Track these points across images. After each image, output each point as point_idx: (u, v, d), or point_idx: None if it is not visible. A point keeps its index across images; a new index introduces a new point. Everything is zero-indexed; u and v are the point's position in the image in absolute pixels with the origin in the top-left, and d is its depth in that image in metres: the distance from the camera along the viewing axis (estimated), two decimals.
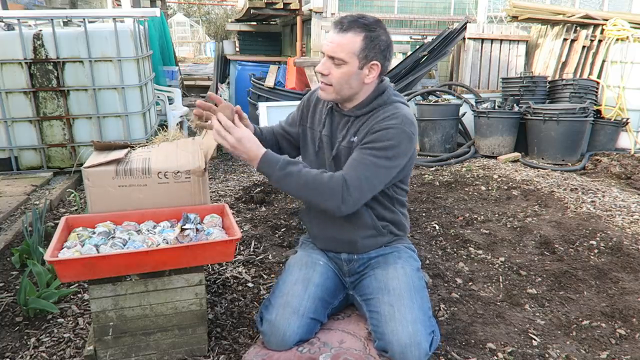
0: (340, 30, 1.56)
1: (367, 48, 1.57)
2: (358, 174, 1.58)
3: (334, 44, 1.57)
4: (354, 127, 1.71)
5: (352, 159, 1.63)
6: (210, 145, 1.82)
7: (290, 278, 1.74)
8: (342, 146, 1.73)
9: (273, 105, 4.83)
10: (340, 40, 1.56)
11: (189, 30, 27.04)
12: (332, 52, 1.57)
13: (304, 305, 1.64)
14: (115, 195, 1.80)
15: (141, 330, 1.68)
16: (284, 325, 1.60)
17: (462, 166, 4.79)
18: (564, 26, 5.87)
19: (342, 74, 1.60)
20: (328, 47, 1.59)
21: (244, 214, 3.27)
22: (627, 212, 3.46)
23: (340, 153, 1.73)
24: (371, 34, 1.57)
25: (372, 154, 1.59)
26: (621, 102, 5.30)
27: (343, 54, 1.56)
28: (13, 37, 3.65)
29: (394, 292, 1.63)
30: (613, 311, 2.15)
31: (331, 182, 1.57)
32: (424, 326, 1.55)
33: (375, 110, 1.68)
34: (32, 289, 2.03)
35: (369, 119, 1.68)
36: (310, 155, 1.85)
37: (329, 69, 1.61)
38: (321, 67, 1.62)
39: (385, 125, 1.61)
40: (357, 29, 1.56)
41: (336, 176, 1.58)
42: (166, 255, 1.58)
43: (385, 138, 1.60)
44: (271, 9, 7.11)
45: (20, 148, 3.90)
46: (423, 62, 5.76)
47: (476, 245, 2.83)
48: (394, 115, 1.64)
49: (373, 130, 1.63)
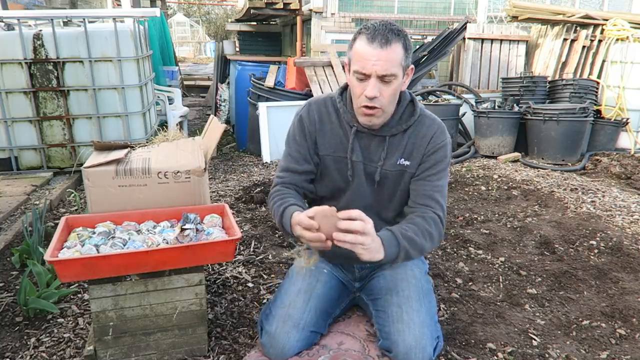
0: (384, 44, 1.40)
1: (406, 54, 1.46)
2: (440, 203, 1.59)
3: (381, 61, 1.40)
4: (395, 148, 1.60)
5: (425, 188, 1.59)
6: (210, 145, 1.82)
7: (293, 288, 1.68)
8: (386, 170, 1.61)
9: (273, 105, 4.83)
10: (388, 55, 1.41)
11: (189, 30, 27.06)
12: (384, 71, 1.41)
13: (304, 319, 1.60)
14: (115, 195, 1.80)
15: (141, 330, 1.68)
16: (283, 339, 1.57)
17: (462, 166, 4.79)
18: (564, 26, 5.87)
19: (394, 90, 1.47)
20: (378, 67, 1.40)
21: (244, 214, 3.27)
22: (627, 212, 3.46)
23: (386, 177, 1.62)
24: (405, 39, 1.46)
25: (439, 177, 1.60)
26: (621, 102, 5.30)
27: (394, 68, 1.43)
28: (13, 37, 3.65)
29: (403, 294, 1.61)
30: (613, 311, 2.15)
31: (438, 227, 1.56)
32: (430, 330, 1.55)
33: (413, 126, 1.60)
34: (32, 289, 2.03)
35: (410, 137, 1.60)
36: (336, 182, 1.66)
37: (380, 90, 1.44)
38: (372, 91, 1.43)
39: (439, 144, 1.59)
40: (396, 38, 1.42)
41: (434, 219, 1.55)
42: (166, 255, 1.58)
43: (444, 156, 1.60)
44: (271, 9, 7.11)
45: (20, 148, 3.90)
46: (423, 62, 5.77)
47: (476, 245, 2.83)
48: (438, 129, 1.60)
49: (429, 152, 1.59)
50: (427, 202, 1.58)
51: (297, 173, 1.65)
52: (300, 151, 1.65)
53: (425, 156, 1.59)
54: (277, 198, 1.60)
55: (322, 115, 1.65)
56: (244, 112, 5.35)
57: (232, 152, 5.30)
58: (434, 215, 1.56)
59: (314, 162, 1.66)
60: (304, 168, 1.65)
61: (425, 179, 1.60)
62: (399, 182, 1.63)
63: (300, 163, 1.65)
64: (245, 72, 5.52)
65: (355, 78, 1.47)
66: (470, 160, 5.03)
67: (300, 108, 1.70)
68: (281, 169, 1.69)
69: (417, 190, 1.61)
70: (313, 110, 1.65)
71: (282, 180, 1.67)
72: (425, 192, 1.59)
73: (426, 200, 1.59)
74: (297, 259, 1.51)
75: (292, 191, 1.64)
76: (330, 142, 1.64)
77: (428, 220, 1.54)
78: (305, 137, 1.64)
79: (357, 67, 1.44)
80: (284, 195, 1.60)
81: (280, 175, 1.68)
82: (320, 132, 1.64)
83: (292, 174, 1.66)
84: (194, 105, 9.04)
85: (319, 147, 1.65)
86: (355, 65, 1.45)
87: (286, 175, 1.66)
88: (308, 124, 1.64)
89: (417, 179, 1.61)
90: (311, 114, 1.65)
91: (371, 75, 1.42)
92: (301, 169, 1.65)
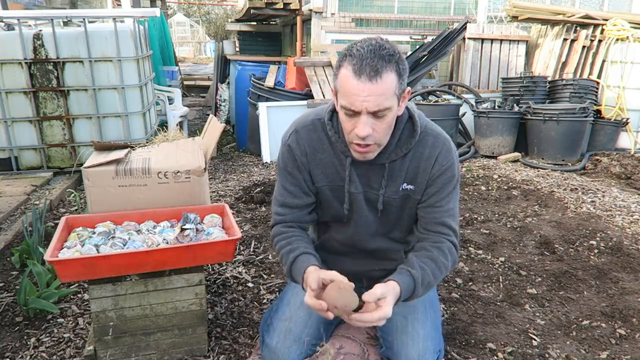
0: (373, 76, 1.21)
1: (400, 80, 1.28)
2: (454, 228, 1.49)
3: (372, 96, 1.22)
4: (397, 174, 1.47)
5: (436, 215, 1.47)
6: (209, 144, 1.82)
7: (295, 300, 1.60)
8: (389, 198, 1.49)
9: (273, 105, 4.83)
10: (379, 89, 1.22)
11: (189, 30, 27.06)
12: (376, 107, 1.23)
13: (306, 333, 1.54)
14: (115, 195, 1.80)
15: (141, 330, 1.68)
16: (284, 354, 1.51)
17: (462, 166, 4.79)
18: (564, 26, 5.87)
19: (388, 123, 1.31)
20: (368, 103, 1.23)
21: (244, 214, 3.27)
22: (627, 212, 3.46)
23: (389, 205, 1.51)
24: (398, 63, 1.26)
25: (449, 199, 1.48)
26: (621, 102, 5.30)
27: (388, 101, 1.25)
28: (13, 37, 3.65)
29: (409, 304, 1.53)
30: (613, 311, 2.15)
31: (453, 256, 1.47)
32: (433, 344, 1.52)
33: (414, 148, 1.45)
34: (32, 289, 2.03)
35: (412, 160, 1.45)
36: (337, 210, 1.54)
37: (373, 126, 1.28)
38: (364, 131, 1.26)
39: (445, 166, 1.45)
40: (387, 65, 1.23)
41: (450, 248, 1.46)
42: (166, 255, 1.58)
43: (451, 176, 1.47)
44: (271, 9, 7.11)
45: (20, 148, 3.90)
46: (423, 62, 5.76)
47: (476, 245, 2.83)
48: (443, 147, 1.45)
49: (435, 175, 1.45)
50: (439, 229, 1.48)
51: (298, 208, 1.53)
52: (297, 184, 1.51)
53: (431, 180, 1.45)
54: (283, 242, 1.50)
55: (314, 143, 1.49)
56: (244, 112, 5.35)
57: (232, 152, 5.30)
58: (450, 245, 1.47)
59: (312, 192, 1.53)
60: (304, 202, 1.53)
61: (434, 206, 1.47)
62: (404, 207, 1.52)
63: (298, 197, 1.52)
64: (245, 72, 5.52)
65: (343, 113, 1.30)
66: (470, 160, 5.03)
67: (286, 134, 1.54)
68: (279, 204, 1.56)
69: (427, 218, 1.49)
70: (302, 139, 1.49)
71: (282, 219, 1.55)
72: (436, 219, 1.48)
73: (439, 228, 1.47)
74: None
75: (296, 231, 1.53)
76: (325, 172, 1.50)
77: (445, 252, 1.45)
78: (299, 169, 1.50)
79: (344, 102, 1.27)
80: (291, 240, 1.49)
81: (279, 212, 1.57)
82: (314, 163, 1.50)
83: (291, 210, 1.53)
84: (194, 105, 9.04)
85: (314, 178, 1.52)
86: (342, 99, 1.28)
87: (286, 213, 1.54)
88: (299, 154, 1.49)
89: (425, 206, 1.49)
90: (301, 143, 1.49)
91: (361, 112, 1.25)
92: (301, 203, 1.53)
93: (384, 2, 7.59)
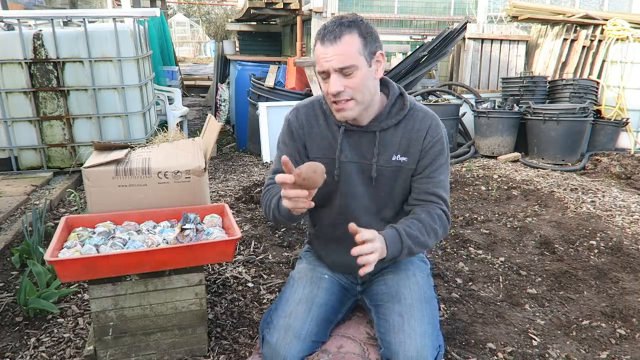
0: (333, 39, 1.42)
1: (367, 42, 1.45)
2: (444, 198, 1.58)
3: (335, 55, 1.42)
4: (388, 144, 1.58)
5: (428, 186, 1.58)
6: (208, 144, 1.82)
7: (294, 297, 1.65)
8: (381, 167, 1.58)
9: (273, 105, 4.83)
10: (341, 49, 1.42)
11: (189, 30, 27.07)
12: (340, 64, 1.42)
13: (306, 329, 1.57)
14: (115, 195, 1.80)
15: (141, 330, 1.68)
16: (284, 351, 1.54)
17: (462, 166, 4.79)
18: (564, 26, 5.87)
19: (360, 79, 1.46)
20: (333, 62, 1.42)
21: (244, 214, 3.27)
22: (627, 212, 3.46)
23: (382, 174, 1.59)
24: (361, 28, 1.45)
25: (440, 171, 1.59)
26: (621, 102, 5.30)
27: (351, 59, 1.42)
28: (13, 37, 3.65)
29: (405, 302, 1.58)
30: (613, 311, 2.15)
31: (443, 222, 1.56)
32: (431, 340, 1.53)
33: (404, 120, 1.59)
34: (32, 289, 2.03)
35: (404, 132, 1.58)
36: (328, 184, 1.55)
37: (343, 84, 1.45)
38: (334, 87, 1.43)
39: (436, 138, 1.57)
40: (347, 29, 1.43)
41: (440, 215, 1.55)
42: (166, 255, 1.58)
43: (442, 149, 1.59)
44: (271, 9, 7.11)
45: (20, 148, 3.90)
46: (423, 62, 5.76)
47: (476, 245, 2.83)
48: (432, 121, 1.59)
49: (427, 147, 1.57)
50: (430, 198, 1.58)
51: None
52: (290, 154, 1.62)
53: (424, 152, 1.57)
54: (269, 194, 1.61)
55: (310, 118, 1.64)
56: (244, 112, 5.35)
57: (232, 152, 5.30)
58: (440, 212, 1.56)
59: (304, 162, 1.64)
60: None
61: (427, 176, 1.58)
62: (396, 179, 1.61)
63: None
64: (245, 72, 5.52)
65: (321, 79, 1.50)
66: (470, 160, 5.03)
67: (288, 112, 1.70)
68: (272, 172, 1.69)
69: (419, 188, 1.60)
70: (301, 114, 1.64)
71: (273, 182, 1.66)
72: (428, 189, 1.58)
73: (430, 197, 1.58)
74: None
75: None
76: (319, 145, 1.62)
77: (433, 216, 1.54)
78: (294, 140, 1.64)
79: (318, 67, 1.47)
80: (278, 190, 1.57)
81: (271, 177, 1.68)
82: (309, 136, 1.63)
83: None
84: (194, 105, 9.04)
85: (308, 151, 1.64)
86: (317, 66, 1.48)
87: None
88: (297, 127, 1.64)
89: (418, 177, 1.60)
90: (299, 117, 1.64)
91: (330, 72, 1.44)
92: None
93: (384, 2, 7.58)
